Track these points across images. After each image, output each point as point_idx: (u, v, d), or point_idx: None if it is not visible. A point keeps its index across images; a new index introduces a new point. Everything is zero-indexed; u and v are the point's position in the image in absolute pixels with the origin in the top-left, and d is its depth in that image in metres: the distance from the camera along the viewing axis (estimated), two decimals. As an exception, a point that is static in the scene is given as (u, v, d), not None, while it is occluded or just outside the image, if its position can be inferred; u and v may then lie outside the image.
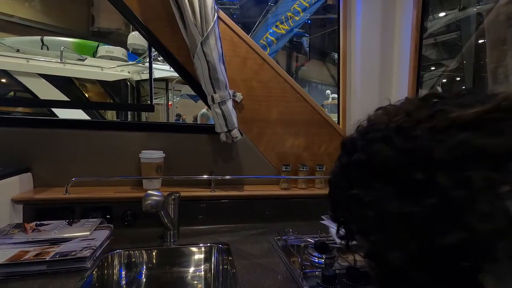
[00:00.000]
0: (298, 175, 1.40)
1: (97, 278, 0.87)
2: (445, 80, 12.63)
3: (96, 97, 5.56)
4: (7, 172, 1.07)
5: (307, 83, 12.57)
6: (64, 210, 1.12)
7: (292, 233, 1.12)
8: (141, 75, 4.76)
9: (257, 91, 1.36)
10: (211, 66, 1.14)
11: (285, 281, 0.83)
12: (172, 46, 1.24)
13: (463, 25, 2.81)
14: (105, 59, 4.92)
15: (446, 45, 8.99)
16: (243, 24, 7.54)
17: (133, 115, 4.66)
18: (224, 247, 1.02)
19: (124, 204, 1.16)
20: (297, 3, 5.87)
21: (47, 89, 4.25)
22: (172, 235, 1.05)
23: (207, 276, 1.03)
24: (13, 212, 1.07)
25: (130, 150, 1.26)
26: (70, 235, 0.97)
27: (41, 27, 7.75)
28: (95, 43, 5.31)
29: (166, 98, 5.85)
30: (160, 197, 0.92)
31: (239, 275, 0.84)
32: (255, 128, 1.38)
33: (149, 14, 1.21)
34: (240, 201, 1.29)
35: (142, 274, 1.00)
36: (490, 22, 1.31)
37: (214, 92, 1.19)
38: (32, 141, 1.19)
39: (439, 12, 6.62)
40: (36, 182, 1.20)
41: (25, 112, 4.03)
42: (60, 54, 4.32)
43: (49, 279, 0.78)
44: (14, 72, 4.16)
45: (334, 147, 1.48)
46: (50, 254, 0.84)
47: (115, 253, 0.96)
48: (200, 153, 1.34)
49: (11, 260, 0.80)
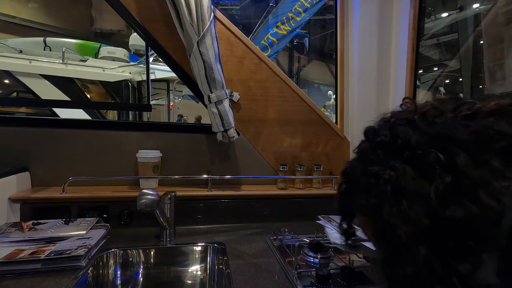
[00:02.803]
0: (296, 175, 1.40)
1: (92, 276, 0.87)
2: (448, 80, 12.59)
3: (98, 98, 5.59)
4: (5, 171, 1.08)
5: (309, 84, 12.56)
6: (61, 209, 1.13)
7: (288, 233, 1.11)
8: (142, 76, 4.78)
9: (254, 90, 1.36)
10: (207, 66, 1.14)
11: (279, 281, 0.83)
12: (168, 46, 1.25)
13: (461, 25, 2.81)
14: (107, 60, 4.95)
15: (448, 45, 8.97)
16: (244, 25, 7.55)
17: (134, 116, 4.68)
18: (219, 246, 1.02)
19: (121, 204, 1.17)
20: (298, 4, 5.87)
21: (49, 89, 4.28)
22: (168, 234, 1.05)
23: (202, 276, 1.03)
24: (10, 211, 1.08)
25: (127, 150, 1.27)
26: (66, 234, 0.97)
27: (43, 28, 7.80)
28: (97, 44, 5.33)
29: (167, 98, 5.87)
30: (155, 196, 0.92)
31: (233, 275, 0.84)
32: (252, 128, 1.38)
33: (146, 14, 1.22)
34: (237, 200, 1.29)
35: (137, 273, 1.00)
36: (488, 22, 1.31)
37: (210, 92, 1.19)
38: (30, 140, 1.20)
39: (442, 12, 6.59)
40: (34, 181, 1.20)
41: (27, 113, 4.07)
42: (62, 55, 4.34)
43: (43, 277, 0.78)
44: (17, 73, 4.19)
45: (332, 147, 1.48)
46: (45, 252, 0.85)
47: (111, 252, 0.97)
48: (197, 152, 1.35)
49: (6, 258, 0.81)
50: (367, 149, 0.39)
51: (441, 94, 14.59)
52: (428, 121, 0.34)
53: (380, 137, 0.37)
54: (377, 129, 0.39)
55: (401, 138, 0.34)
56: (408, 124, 0.35)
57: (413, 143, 0.33)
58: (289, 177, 1.39)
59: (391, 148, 0.35)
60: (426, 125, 0.34)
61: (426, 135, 0.33)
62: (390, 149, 0.35)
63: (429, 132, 0.33)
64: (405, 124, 0.35)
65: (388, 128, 0.37)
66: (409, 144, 0.33)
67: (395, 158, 0.34)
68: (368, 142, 0.39)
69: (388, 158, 0.35)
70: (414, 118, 0.35)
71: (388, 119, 0.40)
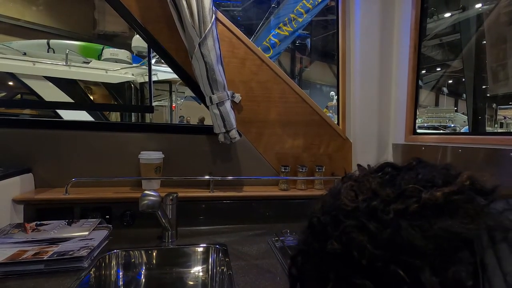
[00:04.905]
0: (297, 176, 1.40)
1: (94, 277, 0.88)
2: (450, 81, 12.51)
3: (101, 99, 5.63)
4: (9, 173, 1.09)
5: (311, 85, 12.55)
6: (64, 210, 1.13)
7: (290, 234, 1.11)
8: (144, 77, 4.81)
9: (256, 92, 1.36)
10: (209, 67, 1.15)
11: (281, 282, 0.83)
12: (170, 48, 1.25)
13: (463, 25, 2.80)
14: (109, 62, 4.98)
15: (451, 45, 8.91)
16: (246, 26, 7.57)
17: (137, 117, 4.71)
18: (221, 247, 1.03)
19: (123, 205, 1.17)
20: (300, 5, 5.88)
21: (52, 91, 4.32)
22: (170, 235, 1.06)
23: (204, 277, 1.03)
24: (14, 212, 1.08)
25: (129, 151, 1.27)
26: (69, 235, 0.98)
27: (47, 30, 7.87)
28: (100, 46, 5.38)
29: (170, 100, 5.89)
30: (156, 197, 0.92)
31: (235, 276, 0.84)
32: (254, 129, 1.38)
33: (148, 16, 1.22)
34: (239, 202, 1.29)
35: (139, 274, 1.00)
36: (491, 22, 1.31)
37: (212, 93, 1.19)
38: (33, 142, 1.21)
39: (444, 12, 6.58)
40: (37, 182, 1.21)
41: (31, 114, 4.10)
42: (65, 57, 4.38)
43: (46, 278, 0.79)
44: (21, 75, 4.23)
45: (334, 148, 1.48)
46: (48, 253, 0.85)
47: (113, 253, 0.97)
48: (199, 154, 1.35)
49: (10, 259, 0.81)
50: (318, 253, 0.36)
51: (444, 94, 14.37)
52: (378, 222, 0.31)
53: (331, 242, 0.33)
54: (325, 228, 0.35)
55: (356, 250, 0.31)
56: (359, 228, 0.32)
57: (369, 256, 0.30)
58: (291, 178, 1.39)
59: (346, 259, 0.32)
60: (377, 226, 0.31)
61: (380, 243, 0.30)
62: (345, 260, 0.32)
63: (383, 238, 0.30)
64: (355, 228, 0.32)
65: (339, 234, 0.33)
66: (365, 256, 0.30)
67: (352, 272, 0.31)
68: (317, 244, 0.36)
69: (343, 271, 0.32)
70: (362, 220, 0.32)
71: (333, 212, 0.35)
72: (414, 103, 1.31)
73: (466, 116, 5.62)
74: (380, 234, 0.30)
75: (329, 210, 0.36)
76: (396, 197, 0.32)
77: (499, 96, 2.21)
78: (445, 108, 11.69)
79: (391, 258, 0.29)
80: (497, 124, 7.89)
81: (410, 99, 1.31)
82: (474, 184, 0.32)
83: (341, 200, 0.35)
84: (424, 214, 0.30)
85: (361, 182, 0.36)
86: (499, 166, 0.89)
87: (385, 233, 0.30)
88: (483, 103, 2.41)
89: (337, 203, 0.36)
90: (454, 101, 14.34)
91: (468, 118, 2.57)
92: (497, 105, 7.52)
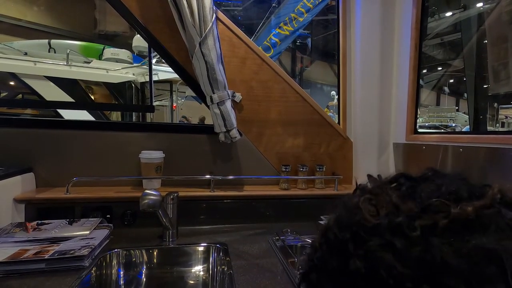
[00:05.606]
0: (298, 175, 1.40)
1: (95, 276, 0.88)
2: (452, 80, 12.47)
3: (101, 99, 5.63)
4: (10, 172, 1.09)
5: (312, 85, 12.54)
6: (65, 209, 1.14)
7: (291, 233, 1.11)
8: (145, 77, 4.81)
9: (256, 91, 1.36)
10: (209, 67, 1.15)
11: (281, 281, 0.83)
12: (171, 47, 1.26)
13: (464, 24, 2.79)
14: (110, 62, 4.99)
15: (452, 45, 8.89)
16: (246, 26, 7.56)
17: (137, 117, 4.71)
18: (222, 247, 1.03)
19: (124, 204, 1.17)
20: (300, 4, 5.87)
21: (53, 91, 4.33)
22: (170, 234, 1.06)
23: (204, 276, 1.03)
24: (15, 211, 1.09)
25: (130, 151, 1.27)
26: (70, 234, 0.98)
27: (48, 30, 7.88)
28: (101, 46, 5.38)
29: (170, 99, 5.90)
30: (157, 197, 0.92)
31: (236, 276, 0.84)
32: (255, 128, 1.38)
33: (149, 15, 1.23)
34: (240, 201, 1.29)
35: (140, 273, 1.00)
36: (492, 21, 1.30)
37: (212, 92, 1.19)
38: (35, 141, 1.21)
39: (445, 11, 6.56)
40: (38, 182, 1.22)
41: (32, 114, 4.11)
42: (66, 57, 4.39)
43: (47, 277, 0.79)
44: (22, 75, 4.24)
45: (334, 147, 1.47)
46: (49, 252, 0.85)
47: (114, 252, 0.97)
48: (199, 153, 1.35)
49: (11, 258, 0.82)
50: (336, 272, 0.33)
51: (445, 94, 14.34)
52: (405, 239, 0.29)
53: (353, 261, 0.31)
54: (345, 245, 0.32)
55: (384, 269, 0.29)
56: (384, 247, 0.29)
57: (397, 275, 0.28)
58: (292, 178, 1.38)
59: (370, 280, 0.30)
60: (404, 245, 0.28)
61: (409, 262, 0.28)
62: (368, 281, 0.30)
63: (412, 257, 0.28)
64: (380, 248, 0.30)
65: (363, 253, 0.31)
66: (393, 275, 0.28)
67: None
68: (336, 262, 0.33)
69: None
70: (388, 238, 0.29)
71: (353, 227, 0.32)
72: (415, 102, 1.31)
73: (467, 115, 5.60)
74: (408, 252, 0.28)
75: (347, 226, 0.33)
76: (421, 211, 0.29)
77: (500, 95, 2.20)
78: (446, 107, 11.66)
79: (423, 278, 0.27)
80: (498, 123, 7.87)
81: (411, 99, 1.30)
82: (504, 197, 0.30)
83: (361, 215, 0.33)
84: (455, 231, 0.28)
85: (379, 194, 0.34)
86: (500, 165, 0.88)
87: (414, 251, 0.28)
88: (484, 102, 2.40)
89: (357, 218, 0.33)
90: (455, 100, 14.31)
91: (469, 118, 2.56)
92: (499, 105, 7.50)
